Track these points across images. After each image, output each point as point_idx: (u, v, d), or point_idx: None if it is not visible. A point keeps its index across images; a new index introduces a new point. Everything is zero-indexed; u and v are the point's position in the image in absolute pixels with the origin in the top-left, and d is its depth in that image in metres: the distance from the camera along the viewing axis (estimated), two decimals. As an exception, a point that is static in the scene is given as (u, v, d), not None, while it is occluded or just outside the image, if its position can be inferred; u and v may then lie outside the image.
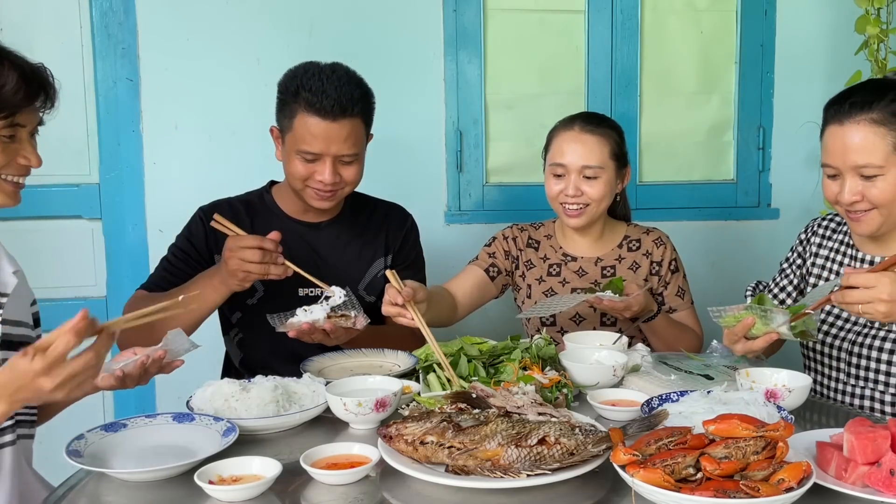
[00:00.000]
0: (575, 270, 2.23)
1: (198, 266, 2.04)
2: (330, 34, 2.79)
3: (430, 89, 2.90)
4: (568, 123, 2.17)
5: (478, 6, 2.91)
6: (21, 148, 1.46)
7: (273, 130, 2.07)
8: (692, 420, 1.39)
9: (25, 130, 1.47)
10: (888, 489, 1.20)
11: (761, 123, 3.11)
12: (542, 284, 2.25)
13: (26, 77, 1.42)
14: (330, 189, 1.99)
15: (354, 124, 1.96)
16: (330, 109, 1.90)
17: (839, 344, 1.87)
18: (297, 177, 1.99)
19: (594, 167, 2.11)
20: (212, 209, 2.07)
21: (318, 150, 1.94)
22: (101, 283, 2.80)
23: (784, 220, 3.13)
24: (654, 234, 2.26)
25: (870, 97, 1.71)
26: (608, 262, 2.23)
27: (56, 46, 2.69)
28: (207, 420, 1.50)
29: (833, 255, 1.96)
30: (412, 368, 1.80)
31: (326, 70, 1.95)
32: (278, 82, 2.03)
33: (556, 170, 2.14)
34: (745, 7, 3.05)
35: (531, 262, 2.28)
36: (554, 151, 2.16)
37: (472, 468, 1.25)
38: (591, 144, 2.12)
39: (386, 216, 2.23)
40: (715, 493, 1.12)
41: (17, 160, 1.46)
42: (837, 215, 2.00)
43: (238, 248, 1.83)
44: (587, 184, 2.12)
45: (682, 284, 2.23)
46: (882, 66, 2.80)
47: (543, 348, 1.78)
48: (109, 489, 1.31)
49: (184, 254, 2.08)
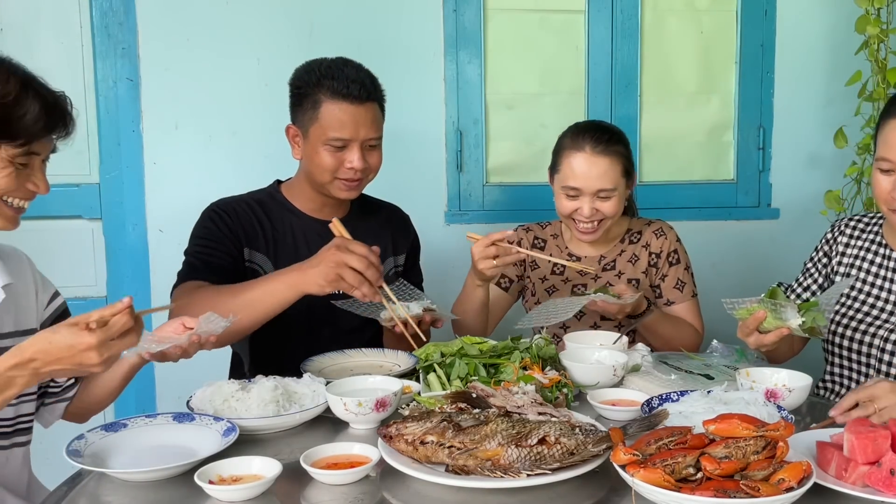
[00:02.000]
0: (578, 270, 2.22)
1: (232, 249, 1.99)
2: (330, 34, 2.79)
3: (430, 89, 2.90)
4: (577, 142, 2.12)
5: (478, 6, 2.91)
6: (32, 174, 1.47)
7: (290, 129, 2.06)
8: (692, 420, 1.39)
9: (39, 158, 1.47)
10: (888, 489, 1.20)
11: (761, 123, 3.11)
12: (545, 283, 2.27)
13: (48, 107, 1.43)
14: (359, 177, 2.00)
15: (375, 108, 2.00)
16: (357, 94, 1.94)
17: (869, 340, 1.85)
18: (326, 169, 1.98)
19: (608, 189, 2.09)
20: (223, 206, 2.06)
21: (348, 136, 1.95)
22: (101, 283, 2.80)
23: (784, 220, 3.13)
24: (656, 224, 2.25)
25: None
26: (610, 257, 2.24)
27: (56, 46, 2.69)
28: (207, 420, 1.49)
29: (863, 255, 1.95)
30: (412, 368, 1.80)
31: (339, 61, 1.99)
32: (290, 81, 2.03)
33: (569, 192, 2.12)
34: (745, 7, 3.05)
35: (535, 262, 2.29)
36: (565, 173, 2.12)
37: (472, 468, 1.25)
38: (603, 167, 2.08)
39: (389, 217, 2.26)
40: (715, 492, 1.12)
41: (26, 185, 1.47)
42: (865, 216, 2.00)
43: (346, 249, 1.77)
44: (601, 202, 2.10)
45: (682, 276, 2.20)
46: (882, 66, 2.80)
47: (543, 348, 1.78)
48: (109, 489, 1.31)
49: (214, 238, 2.00)
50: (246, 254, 2.02)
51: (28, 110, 1.40)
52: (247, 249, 2.02)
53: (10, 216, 1.48)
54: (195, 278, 1.94)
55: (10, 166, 1.41)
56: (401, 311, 1.85)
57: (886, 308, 1.87)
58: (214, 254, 1.98)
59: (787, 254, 2.93)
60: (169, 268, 2.80)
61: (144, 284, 2.81)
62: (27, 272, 1.61)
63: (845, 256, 1.99)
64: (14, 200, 1.47)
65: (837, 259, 2.00)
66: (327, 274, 1.76)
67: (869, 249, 1.95)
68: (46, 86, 1.46)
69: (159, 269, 2.81)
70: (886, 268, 1.89)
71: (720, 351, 1.93)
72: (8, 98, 1.38)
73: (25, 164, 1.44)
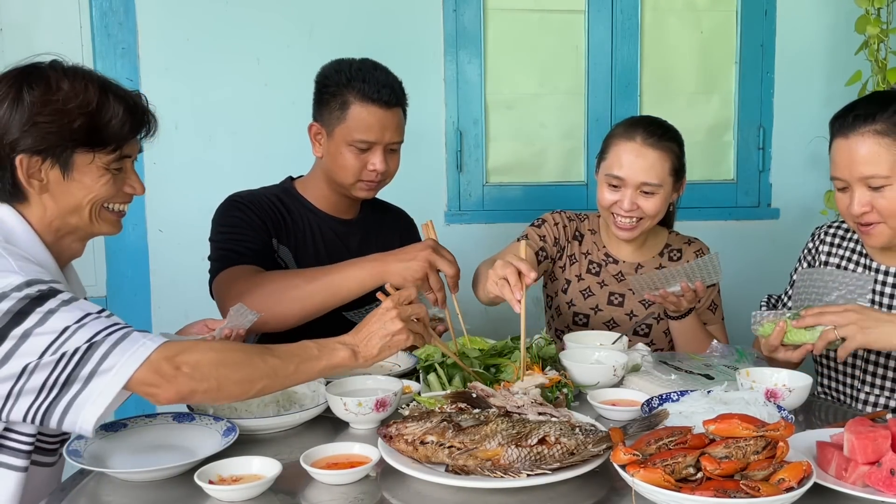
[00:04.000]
0: (614, 274, 2.18)
1: (265, 237, 1.98)
2: (330, 34, 2.79)
3: (430, 89, 2.90)
4: (629, 131, 2.05)
5: (478, 6, 2.91)
6: (127, 177, 1.48)
7: (312, 127, 2.05)
8: (692, 420, 1.39)
9: (130, 160, 1.49)
10: (888, 489, 1.20)
11: (761, 123, 3.11)
12: (581, 283, 2.19)
13: (131, 109, 1.44)
14: (379, 178, 2.03)
15: (400, 113, 2.03)
16: (387, 98, 1.97)
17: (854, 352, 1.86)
18: (349, 169, 2.00)
19: (653, 185, 2.01)
20: (247, 197, 2.04)
21: (374, 139, 1.97)
22: (101, 282, 2.80)
23: (784, 220, 3.14)
24: (696, 244, 2.22)
25: (873, 109, 1.72)
26: (648, 268, 2.18)
27: (56, 46, 2.63)
28: (207, 420, 1.49)
29: (845, 264, 1.95)
30: (412, 368, 1.80)
31: (368, 64, 2.01)
32: (317, 79, 2.03)
33: (612, 181, 2.04)
34: (745, 7, 3.06)
35: (575, 256, 2.21)
36: (611, 161, 2.05)
37: (472, 468, 1.25)
38: (651, 160, 2.01)
39: (397, 220, 2.28)
40: (715, 492, 1.12)
41: (124, 189, 1.48)
42: (844, 222, 2.00)
43: (439, 253, 1.80)
44: (644, 199, 2.03)
45: (715, 299, 2.19)
46: (882, 66, 2.80)
47: (543, 348, 1.78)
48: (109, 489, 1.31)
49: (247, 225, 1.98)
50: (274, 244, 2.02)
51: (113, 115, 1.41)
52: (274, 240, 2.02)
53: (113, 221, 1.50)
54: (240, 263, 1.92)
55: (107, 173, 1.43)
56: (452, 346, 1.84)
57: None
58: (254, 239, 1.97)
59: (787, 254, 2.91)
60: (169, 268, 2.83)
61: (144, 284, 2.82)
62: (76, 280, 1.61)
63: (828, 265, 1.98)
64: (115, 205, 1.48)
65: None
66: (416, 271, 1.79)
67: (850, 259, 1.94)
68: (123, 87, 1.47)
69: (159, 269, 2.81)
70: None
71: (720, 351, 1.93)
72: (92, 105, 1.38)
73: (120, 168, 1.45)
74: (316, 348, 1.42)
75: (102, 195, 1.43)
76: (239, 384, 1.33)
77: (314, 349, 1.41)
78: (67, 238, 1.47)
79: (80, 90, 1.39)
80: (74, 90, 1.38)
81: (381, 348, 1.45)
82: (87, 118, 1.38)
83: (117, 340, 1.26)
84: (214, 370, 1.30)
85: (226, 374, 1.31)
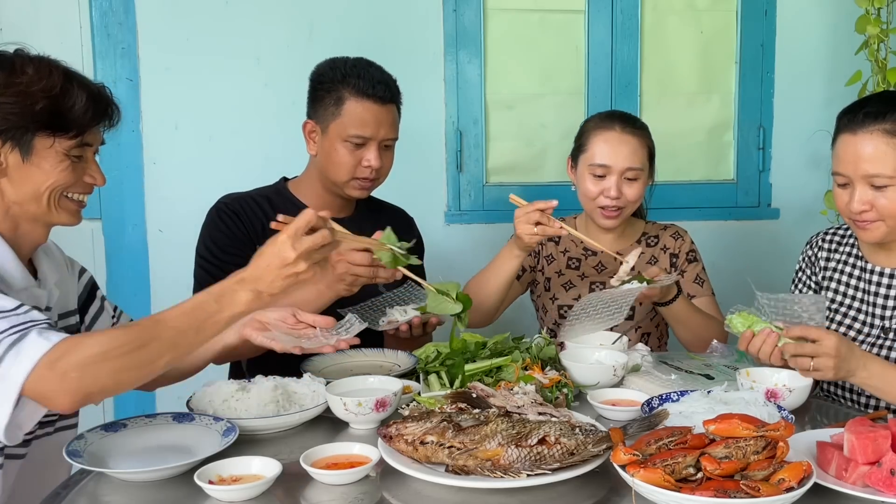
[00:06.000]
0: (594, 266, 2.23)
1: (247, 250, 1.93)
2: (330, 34, 2.79)
3: (430, 89, 2.90)
4: (606, 122, 2.14)
5: (478, 6, 2.91)
6: (87, 167, 1.49)
7: (307, 124, 2.06)
8: (692, 420, 1.39)
9: (91, 150, 1.49)
10: (888, 489, 1.20)
11: (761, 123, 3.11)
12: (561, 277, 2.25)
13: (94, 97, 1.45)
14: (374, 176, 2.04)
15: (395, 110, 2.06)
16: (382, 94, 1.99)
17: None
18: (343, 166, 2.01)
19: (636, 169, 2.10)
20: (232, 205, 2.06)
21: (369, 134, 1.99)
22: (100, 282, 2.77)
23: (784, 220, 3.13)
24: (672, 228, 2.28)
25: (884, 108, 1.71)
26: (626, 254, 2.20)
27: (56, 46, 2.63)
28: (207, 420, 1.49)
29: (841, 268, 1.95)
30: (412, 368, 1.80)
31: (363, 61, 2.03)
32: (312, 77, 2.05)
33: (597, 170, 2.10)
34: (745, 7, 3.05)
35: (552, 255, 2.27)
36: (594, 151, 2.12)
37: (472, 468, 1.25)
38: (633, 146, 2.11)
39: (394, 219, 2.25)
40: (715, 492, 1.12)
41: (84, 178, 1.49)
42: (840, 228, 2.00)
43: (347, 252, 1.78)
44: (627, 185, 2.11)
45: (700, 274, 2.23)
46: (882, 66, 2.80)
47: (543, 348, 1.78)
48: (109, 489, 1.31)
49: (229, 241, 2.01)
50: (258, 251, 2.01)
51: (76, 101, 1.41)
52: (258, 247, 2.01)
53: (73, 210, 1.50)
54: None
55: (67, 160, 1.43)
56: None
57: (867, 321, 1.86)
58: (236, 254, 1.96)
59: (787, 254, 2.92)
60: (169, 268, 2.83)
61: (144, 284, 2.82)
62: (60, 259, 1.64)
63: (826, 271, 1.98)
64: (75, 195, 1.48)
65: (822, 274, 1.99)
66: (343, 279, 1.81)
67: (846, 262, 1.94)
68: (87, 77, 1.48)
69: (159, 269, 2.81)
70: (865, 280, 1.89)
71: (720, 351, 1.93)
72: (55, 90, 1.39)
73: (80, 156, 1.46)
74: (214, 301, 1.34)
75: (61, 182, 1.43)
76: (136, 369, 1.28)
77: (212, 303, 1.33)
78: (25, 225, 1.47)
79: (45, 75, 1.40)
80: (39, 74, 1.40)
81: (282, 280, 1.36)
82: (50, 102, 1.39)
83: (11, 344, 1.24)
84: (103, 366, 1.24)
85: (117, 365, 1.26)
